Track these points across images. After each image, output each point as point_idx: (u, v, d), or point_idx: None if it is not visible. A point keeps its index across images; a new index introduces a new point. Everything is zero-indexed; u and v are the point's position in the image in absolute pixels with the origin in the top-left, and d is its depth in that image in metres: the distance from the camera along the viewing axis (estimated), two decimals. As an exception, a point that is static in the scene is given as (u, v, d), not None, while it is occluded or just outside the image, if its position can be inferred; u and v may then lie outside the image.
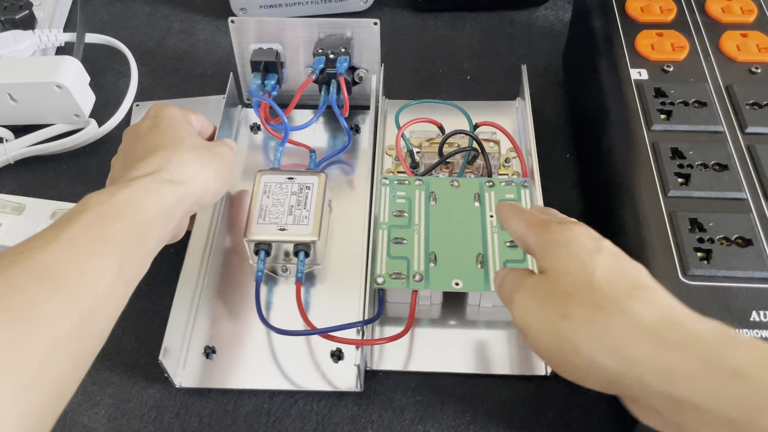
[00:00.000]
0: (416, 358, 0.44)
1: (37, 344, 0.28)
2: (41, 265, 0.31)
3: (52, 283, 0.30)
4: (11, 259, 0.31)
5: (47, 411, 0.29)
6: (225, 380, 0.43)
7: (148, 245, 0.37)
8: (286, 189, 0.48)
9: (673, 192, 0.40)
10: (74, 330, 0.30)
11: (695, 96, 0.44)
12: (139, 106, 0.60)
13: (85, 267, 0.32)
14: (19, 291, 0.29)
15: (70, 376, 0.31)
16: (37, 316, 0.29)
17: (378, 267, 0.43)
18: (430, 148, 0.52)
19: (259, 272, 0.46)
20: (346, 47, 0.54)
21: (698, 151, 0.41)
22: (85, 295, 0.31)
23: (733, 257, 0.36)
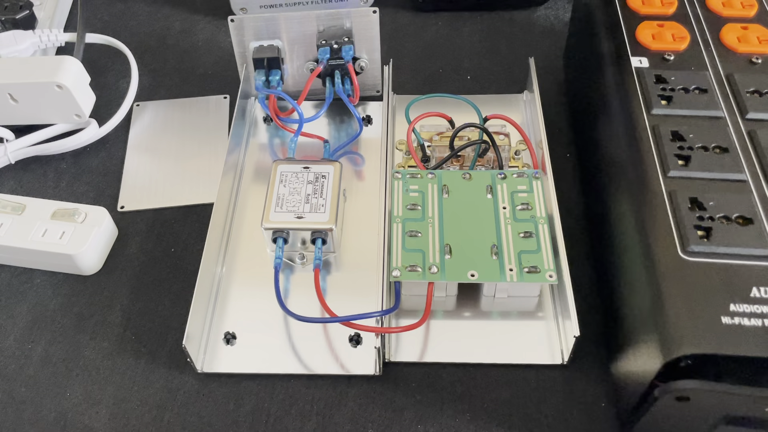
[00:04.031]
0: (431, 349, 0.44)
1: None
2: None
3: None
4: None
5: None
6: (245, 365, 0.44)
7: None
8: (302, 178, 0.49)
9: (673, 172, 0.39)
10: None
11: (696, 83, 0.44)
12: (139, 106, 0.61)
13: None
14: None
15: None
16: None
17: (394, 260, 0.44)
18: (441, 141, 0.53)
19: (277, 260, 0.46)
20: (348, 36, 0.54)
21: (698, 134, 0.41)
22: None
23: (734, 235, 0.36)
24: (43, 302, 0.49)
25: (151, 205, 0.54)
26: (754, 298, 0.33)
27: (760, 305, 0.33)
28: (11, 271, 0.50)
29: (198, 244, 0.51)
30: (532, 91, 0.55)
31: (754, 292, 0.34)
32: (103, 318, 0.48)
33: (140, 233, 0.52)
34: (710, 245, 0.36)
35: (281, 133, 0.58)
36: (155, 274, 0.50)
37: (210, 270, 0.47)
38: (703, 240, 0.36)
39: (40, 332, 0.47)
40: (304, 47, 0.56)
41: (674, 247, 0.36)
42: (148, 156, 0.57)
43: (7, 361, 0.46)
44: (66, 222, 0.49)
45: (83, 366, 0.45)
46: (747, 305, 0.33)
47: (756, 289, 0.34)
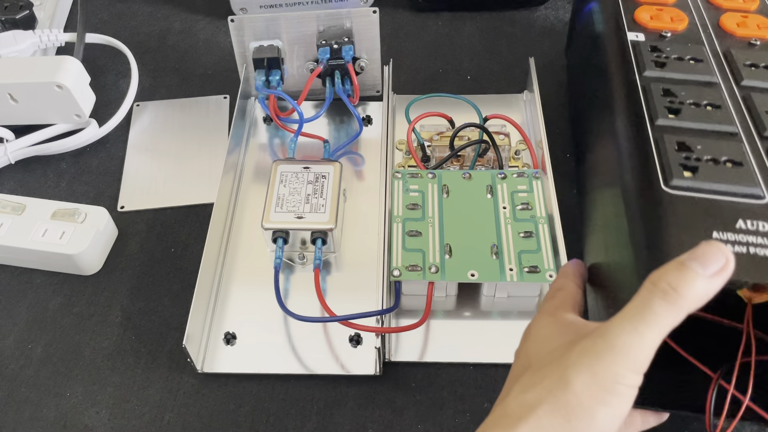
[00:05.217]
0: (431, 349, 0.45)
1: None
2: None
3: None
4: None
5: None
6: (245, 365, 0.44)
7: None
8: (302, 178, 0.49)
9: (661, 121, 0.37)
10: None
11: (691, 54, 0.42)
12: (139, 106, 0.61)
13: None
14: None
15: None
16: None
17: (394, 260, 0.44)
18: (441, 141, 0.53)
19: (277, 260, 0.46)
20: (348, 36, 0.54)
21: (690, 93, 0.39)
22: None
23: (721, 173, 0.34)
24: (43, 302, 0.49)
25: (151, 205, 0.54)
26: (740, 228, 0.31)
27: (746, 235, 0.31)
28: (11, 271, 0.50)
29: (198, 244, 0.51)
30: (532, 91, 0.55)
31: (740, 224, 0.31)
32: (103, 318, 0.47)
33: (140, 233, 0.52)
34: (695, 180, 0.33)
35: (281, 133, 0.58)
36: (155, 274, 0.50)
37: (210, 270, 0.47)
38: (687, 176, 0.34)
39: (40, 332, 0.47)
40: (304, 47, 0.56)
41: (657, 180, 0.34)
42: (148, 156, 0.57)
43: (7, 361, 0.46)
44: (66, 222, 0.49)
45: (83, 366, 0.45)
46: (732, 234, 0.31)
47: (742, 222, 0.31)
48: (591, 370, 0.27)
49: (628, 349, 0.27)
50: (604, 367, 0.27)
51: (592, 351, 0.28)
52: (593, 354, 0.28)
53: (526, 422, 0.28)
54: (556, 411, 0.27)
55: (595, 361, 0.27)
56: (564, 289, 0.35)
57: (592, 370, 0.27)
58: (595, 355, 0.28)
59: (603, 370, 0.27)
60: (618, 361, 0.27)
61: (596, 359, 0.27)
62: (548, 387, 0.28)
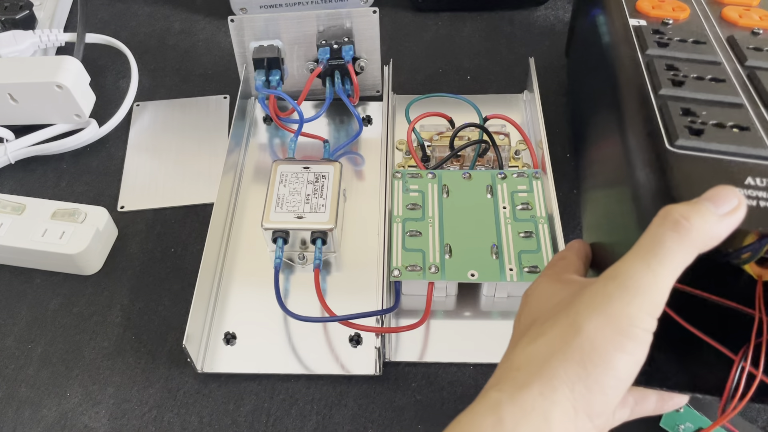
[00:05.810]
0: (431, 349, 0.45)
1: None
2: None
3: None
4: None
5: None
6: (245, 365, 0.44)
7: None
8: (302, 178, 0.49)
9: (664, 91, 0.37)
10: None
11: (694, 37, 0.42)
12: (139, 106, 0.61)
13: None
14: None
15: None
16: None
17: (394, 260, 0.44)
18: (441, 141, 0.53)
19: (277, 260, 0.46)
20: (348, 36, 0.54)
21: (694, 68, 0.39)
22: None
23: (727, 136, 0.33)
24: (43, 302, 0.49)
25: (151, 205, 0.54)
26: (749, 185, 0.30)
27: (756, 191, 0.30)
28: (11, 271, 0.50)
29: (198, 244, 0.51)
30: (532, 91, 0.55)
31: (749, 180, 0.30)
32: (103, 318, 0.47)
33: (140, 233, 0.52)
34: (701, 141, 0.32)
35: (281, 133, 0.58)
36: (155, 274, 0.50)
37: (210, 270, 0.47)
38: (693, 137, 0.33)
39: (40, 332, 0.47)
40: (304, 47, 0.56)
41: (662, 142, 0.33)
42: (148, 156, 0.57)
43: (7, 361, 0.46)
44: (66, 222, 0.49)
45: (83, 366, 0.45)
46: (742, 189, 0.30)
47: (752, 179, 0.30)
48: (604, 313, 0.26)
49: (642, 289, 0.25)
50: (617, 310, 0.25)
51: (603, 294, 0.26)
52: (605, 297, 0.26)
53: (539, 376, 0.26)
54: (571, 359, 0.26)
55: (608, 304, 0.26)
56: (566, 259, 0.34)
57: (606, 313, 0.26)
58: (607, 298, 0.26)
59: (617, 312, 0.25)
60: (632, 302, 0.25)
61: (608, 302, 0.26)
62: (559, 335, 0.26)
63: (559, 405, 0.26)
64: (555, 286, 0.31)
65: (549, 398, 0.26)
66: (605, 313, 0.26)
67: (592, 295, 0.26)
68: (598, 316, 0.26)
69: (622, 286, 0.26)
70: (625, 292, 0.26)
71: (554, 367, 0.26)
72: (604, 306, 0.26)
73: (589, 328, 0.26)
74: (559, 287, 0.30)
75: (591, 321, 0.26)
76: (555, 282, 0.31)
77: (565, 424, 0.26)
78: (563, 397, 0.26)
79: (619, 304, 0.25)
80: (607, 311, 0.26)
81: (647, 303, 0.25)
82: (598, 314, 0.26)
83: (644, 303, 0.25)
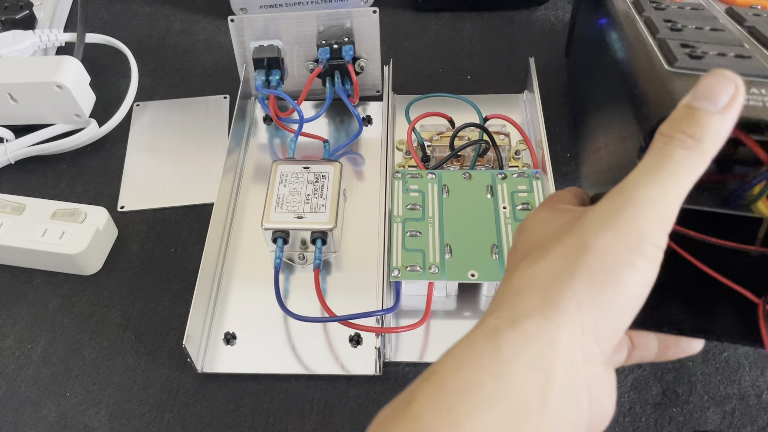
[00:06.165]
0: (431, 349, 0.45)
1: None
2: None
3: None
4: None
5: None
6: (245, 365, 0.44)
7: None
8: (302, 178, 0.49)
9: (662, 34, 0.36)
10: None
11: (690, 5, 0.41)
12: (139, 106, 0.61)
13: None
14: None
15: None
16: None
17: (394, 260, 0.44)
18: (441, 141, 0.53)
19: (277, 260, 0.46)
20: (348, 36, 0.54)
21: (692, 21, 0.38)
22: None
23: (728, 61, 0.32)
24: (43, 302, 0.49)
25: (151, 205, 0.54)
26: (753, 93, 0.29)
27: (760, 96, 0.28)
28: (11, 271, 0.50)
29: (198, 244, 0.51)
30: (532, 91, 0.55)
31: (753, 90, 0.29)
32: (103, 318, 0.47)
33: (140, 233, 0.52)
34: (701, 63, 0.31)
35: (281, 133, 0.58)
36: (155, 274, 0.50)
37: (210, 270, 0.47)
38: (692, 60, 0.32)
39: (40, 332, 0.47)
40: (304, 47, 0.55)
41: (660, 64, 0.32)
42: (148, 156, 0.57)
43: (7, 361, 0.46)
44: (66, 222, 0.49)
45: (83, 366, 0.45)
46: (746, 96, 0.28)
47: (755, 88, 0.29)
48: (612, 228, 0.24)
49: (651, 202, 0.24)
50: (627, 224, 0.24)
51: (611, 209, 0.25)
52: (612, 212, 0.24)
53: (542, 299, 0.24)
54: (578, 278, 0.24)
55: (616, 219, 0.24)
56: (562, 195, 0.33)
57: (614, 228, 0.24)
58: (615, 213, 0.24)
59: (626, 227, 0.24)
60: (642, 216, 0.24)
61: (617, 216, 0.24)
62: (564, 255, 0.25)
63: (566, 327, 0.24)
64: (553, 213, 0.29)
65: (554, 321, 0.24)
66: (613, 228, 0.24)
67: (598, 212, 0.25)
68: (607, 231, 0.24)
69: (629, 200, 0.24)
70: (633, 206, 0.24)
71: (560, 287, 0.24)
72: (612, 221, 0.24)
73: (598, 245, 0.24)
74: (557, 214, 0.29)
75: (599, 237, 0.24)
76: (552, 210, 0.30)
77: (572, 347, 0.24)
78: (571, 318, 0.24)
79: (628, 218, 0.24)
80: (615, 226, 0.24)
81: (657, 217, 0.24)
82: (606, 230, 0.24)
83: (654, 217, 0.24)
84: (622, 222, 0.24)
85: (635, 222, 0.24)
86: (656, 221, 0.24)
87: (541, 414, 0.23)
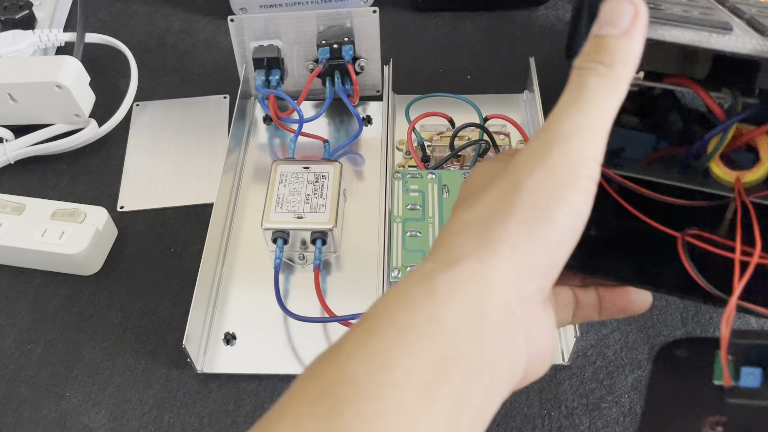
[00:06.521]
0: None
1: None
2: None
3: None
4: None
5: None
6: (245, 365, 0.44)
7: None
8: (302, 178, 0.49)
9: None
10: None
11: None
12: (139, 106, 0.60)
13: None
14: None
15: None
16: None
17: (394, 260, 0.44)
18: (441, 141, 0.53)
19: (277, 260, 0.46)
20: (348, 36, 0.54)
21: (677, 3, 0.35)
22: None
23: (688, 17, 0.31)
24: (42, 302, 0.49)
25: (151, 205, 0.54)
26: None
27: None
28: (11, 271, 0.50)
29: (198, 244, 0.51)
30: (532, 90, 0.55)
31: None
32: (102, 318, 0.47)
33: (140, 233, 0.52)
34: (657, 12, 0.30)
35: (281, 133, 0.58)
36: (155, 274, 0.50)
37: (210, 270, 0.47)
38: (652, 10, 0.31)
39: (40, 332, 0.47)
40: (304, 47, 0.55)
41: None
42: (148, 156, 0.57)
43: (7, 361, 0.46)
44: (66, 222, 0.49)
45: (83, 366, 0.45)
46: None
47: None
48: (543, 164, 0.24)
49: (577, 132, 0.24)
50: (557, 158, 0.24)
51: (540, 146, 0.24)
52: (542, 148, 0.24)
53: (477, 240, 0.24)
54: (512, 218, 0.24)
55: (546, 154, 0.24)
56: (510, 149, 0.32)
57: (545, 164, 0.24)
58: (545, 148, 0.24)
59: (556, 161, 0.24)
60: (571, 147, 0.24)
61: (547, 152, 0.24)
62: (498, 196, 0.25)
63: (500, 269, 0.24)
64: (492, 161, 0.29)
65: (489, 263, 0.24)
66: (545, 164, 0.24)
67: (528, 151, 0.25)
68: (539, 168, 0.24)
69: (557, 134, 0.24)
70: (561, 139, 0.24)
71: (495, 228, 0.24)
72: (543, 157, 0.24)
73: (530, 183, 0.24)
74: (495, 162, 0.29)
75: (531, 175, 0.24)
76: (493, 159, 0.30)
77: (506, 288, 0.24)
78: (505, 259, 0.24)
79: (558, 152, 0.24)
80: (546, 163, 0.24)
81: (586, 147, 0.24)
82: (538, 167, 0.24)
83: (583, 147, 0.24)
84: (553, 157, 0.24)
85: (565, 155, 0.24)
86: (585, 151, 0.24)
87: (471, 354, 0.23)
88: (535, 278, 0.24)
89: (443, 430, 0.22)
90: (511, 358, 0.24)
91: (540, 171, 0.24)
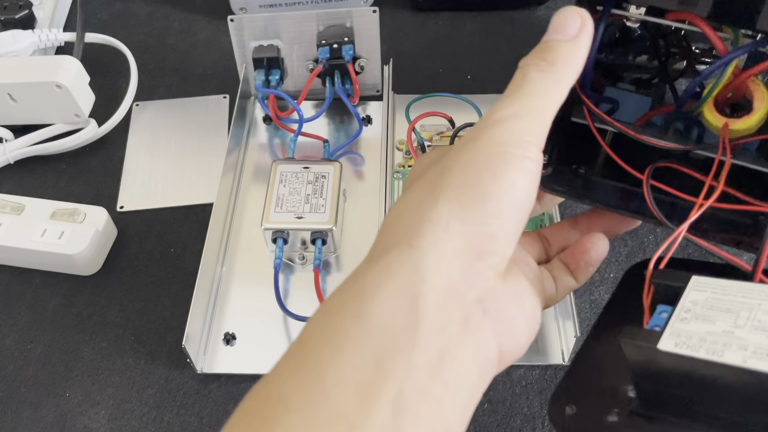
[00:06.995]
0: None
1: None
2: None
3: None
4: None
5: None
6: (245, 365, 0.44)
7: None
8: (302, 178, 0.49)
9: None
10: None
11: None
12: (139, 106, 0.60)
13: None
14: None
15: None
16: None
17: None
18: (441, 141, 0.53)
19: (277, 260, 0.46)
20: (348, 36, 0.54)
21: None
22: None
23: None
24: (42, 302, 0.48)
25: (151, 205, 0.54)
26: None
27: None
28: (11, 271, 0.50)
29: (198, 244, 0.51)
30: (532, 90, 0.55)
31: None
32: (102, 318, 0.47)
33: (140, 233, 0.52)
34: None
35: (281, 133, 0.58)
36: (155, 274, 0.50)
37: (210, 270, 0.47)
38: None
39: (40, 332, 0.47)
40: (304, 47, 0.55)
41: None
42: (148, 156, 0.57)
43: (6, 361, 0.46)
44: (65, 222, 0.49)
45: (83, 366, 0.45)
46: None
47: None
48: (473, 146, 0.24)
49: (509, 117, 0.25)
50: (486, 140, 0.24)
51: (472, 133, 0.25)
52: (473, 135, 0.25)
53: (406, 228, 0.24)
54: (441, 199, 0.24)
55: (477, 138, 0.24)
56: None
57: (475, 146, 0.24)
58: (476, 134, 0.25)
59: (486, 142, 0.24)
60: (504, 128, 0.24)
61: (477, 136, 0.25)
62: (427, 183, 0.25)
63: (432, 251, 0.23)
64: (427, 155, 0.30)
65: (418, 247, 0.23)
66: (475, 146, 0.24)
67: (461, 140, 0.25)
68: (466, 150, 0.24)
69: (489, 121, 0.25)
70: (492, 125, 0.25)
71: (423, 213, 0.24)
72: (473, 141, 0.24)
73: (459, 163, 0.24)
74: (429, 155, 0.29)
75: (458, 157, 0.24)
76: (427, 154, 0.30)
77: (444, 267, 0.23)
78: (437, 239, 0.23)
79: (485, 135, 0.24)
80: (476, 144, 0.24)
81: (518, 129, 0.24)
82: (467, 149, 0.24)
83: (515, 129, 0.24)
84: (482, 139, 0.24)
85: (494, 137, 0.24)
86: (517, 133, 0.24)
87: (412, 342, 0.22)
88: (479, 255, 0.24)
89: (388, 430, 0.21)
90: (468, 339, 0.23)
91: (467, 152, 0.24)
